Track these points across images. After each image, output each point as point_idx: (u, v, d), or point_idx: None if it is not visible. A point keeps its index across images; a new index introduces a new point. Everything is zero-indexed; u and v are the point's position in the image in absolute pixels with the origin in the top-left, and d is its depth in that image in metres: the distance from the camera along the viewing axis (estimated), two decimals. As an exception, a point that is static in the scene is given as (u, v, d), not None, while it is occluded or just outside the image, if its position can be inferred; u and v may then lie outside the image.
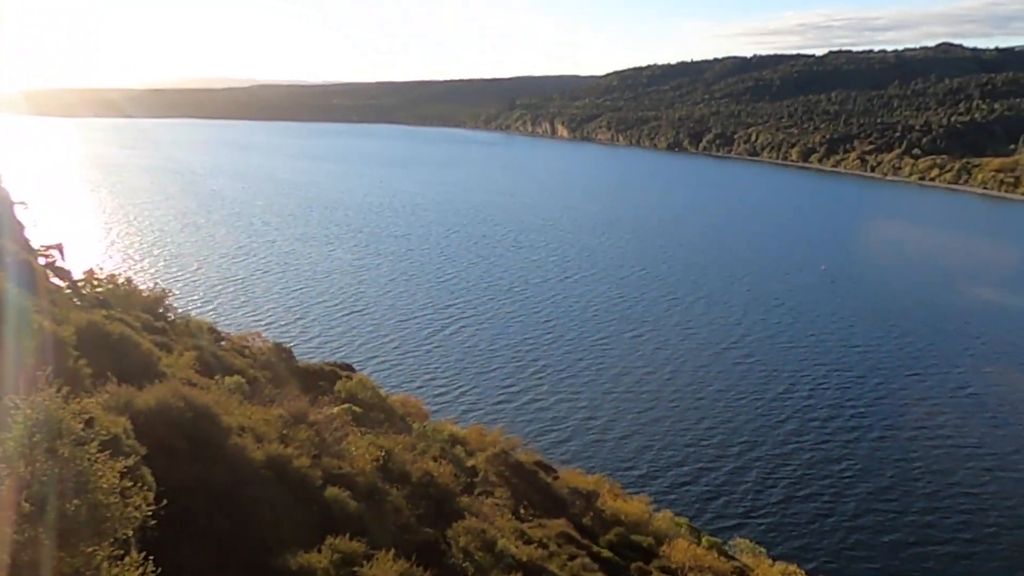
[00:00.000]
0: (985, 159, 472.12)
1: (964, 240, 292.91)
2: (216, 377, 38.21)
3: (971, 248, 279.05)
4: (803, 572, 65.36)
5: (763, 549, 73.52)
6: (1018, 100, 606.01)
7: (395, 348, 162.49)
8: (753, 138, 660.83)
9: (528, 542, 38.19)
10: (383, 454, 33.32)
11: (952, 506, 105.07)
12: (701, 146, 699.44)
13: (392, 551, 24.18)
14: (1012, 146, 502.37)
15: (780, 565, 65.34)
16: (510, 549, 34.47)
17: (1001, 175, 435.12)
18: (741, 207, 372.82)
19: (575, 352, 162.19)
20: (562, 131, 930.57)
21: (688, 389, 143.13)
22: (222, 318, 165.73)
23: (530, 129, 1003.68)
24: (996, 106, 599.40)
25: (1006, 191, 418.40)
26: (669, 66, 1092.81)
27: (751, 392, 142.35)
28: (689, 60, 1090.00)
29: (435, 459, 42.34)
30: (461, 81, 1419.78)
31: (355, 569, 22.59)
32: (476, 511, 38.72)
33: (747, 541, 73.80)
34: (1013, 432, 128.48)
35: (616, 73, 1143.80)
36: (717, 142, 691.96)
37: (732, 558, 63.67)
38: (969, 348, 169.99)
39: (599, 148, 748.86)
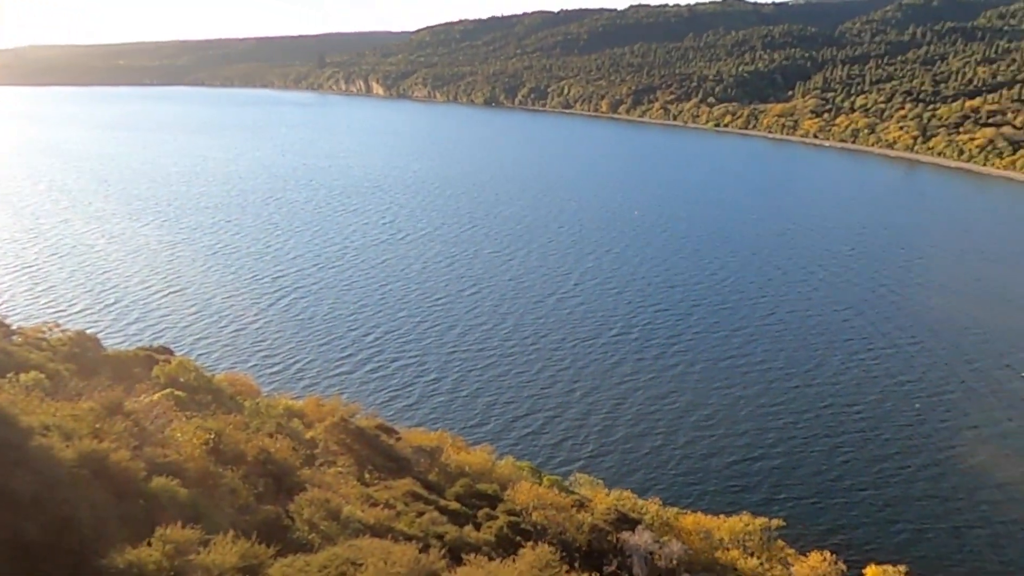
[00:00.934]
0: (769, 105, 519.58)
1: (756, 179, 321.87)
2: (9, 375, 34.63)
3: (763, 186, 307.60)
4: (635, 496, 70.58)
5: (600, 481, 78.47)
6: (793, 50, 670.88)
7: (223, 326, 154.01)
8: (566, 91, 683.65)
9: (375, 505, 38.36)
10: (212, 436, 31.92)
11: (768, 424, 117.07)
12: (517, 100, 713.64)
13: (231, 534, 23.44)
14: (790, 92, 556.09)
15: (616, 492, 70.11)
16: (356, 514, 34.48)
17: (782, 119, 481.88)
18: (562, 160, 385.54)
19: (414, 314, 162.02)
20: (377, 89, 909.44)
21: (527, 341, 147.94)
22: (14, 311, 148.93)
23: (344, 88, 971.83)
24: (775, 56, 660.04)
25: (787, 134, 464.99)
26: (480, 21, 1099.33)
27: (586, 339, 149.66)
28: (499, 15, 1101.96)
29: (271, 435, 41.13)
30: (265, 39, 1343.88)
31: (190, 558, 21.71)
32: (318, 482, 38.24)
33: (585, 475, 78.41)
34: (815, 351, 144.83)
35: (428, 28, 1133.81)
36: (532, 96, 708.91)
37: (572, 492, 67.53)
38: (772, 278, 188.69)
39: (417, 105, 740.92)
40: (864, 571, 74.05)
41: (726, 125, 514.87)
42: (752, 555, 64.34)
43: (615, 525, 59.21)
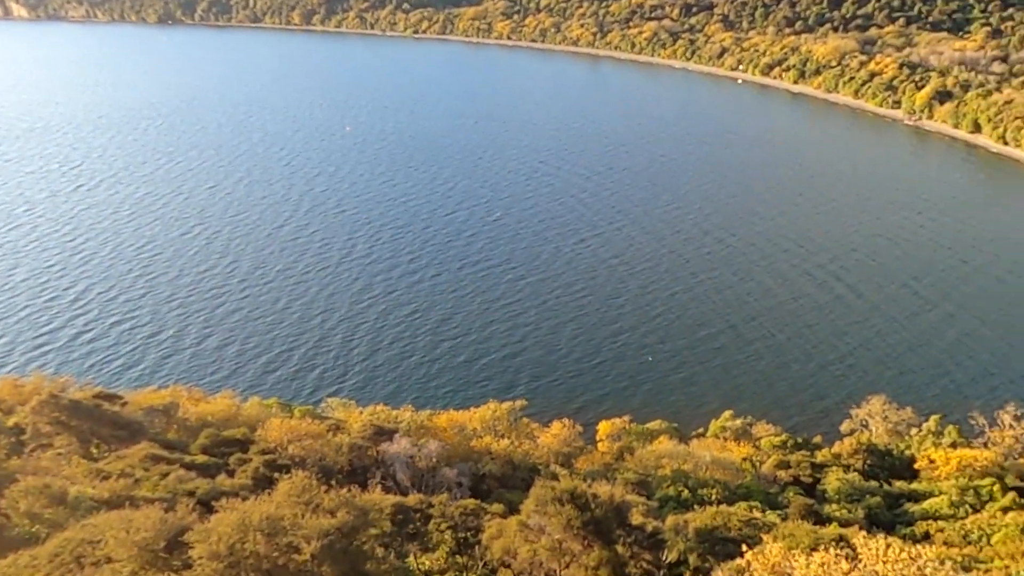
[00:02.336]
0: (462, 9, 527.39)
1: (461, 84, 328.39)
2: None
3: (470, 90, 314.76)
4: (388, 408, 72.57)
5: (352, 401, 79.30)
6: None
7: None
8: (252, 3, 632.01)
9: (107, 478, 35.38)
10: None
11: (508, 319, 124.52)
12: (197, 15, 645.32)
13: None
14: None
15: (369, 408, 71.44)
16: (87, 493, 31.65)
17: (477, 23, 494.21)
18: (261, 79, 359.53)
19: (121, 266, 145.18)
20: (19, 10, 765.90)
21: (254, 276, 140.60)
22: None
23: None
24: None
25: (483, 37, 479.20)
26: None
27: (316, 262, 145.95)
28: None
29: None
30: None
31: None
32: (33, 469, 34.24)
33: (337, 399, 78.67)
34: (541, 245, 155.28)
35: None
36: (215, 10, 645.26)
37: (326, 418, 67.57)
38: (493, 180, 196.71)
39: (74, 28, 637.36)
40: (597, 427, 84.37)
41: (424, 31, 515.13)
42: (503, 437, 69.97)
43: (373, 439, 60.70)
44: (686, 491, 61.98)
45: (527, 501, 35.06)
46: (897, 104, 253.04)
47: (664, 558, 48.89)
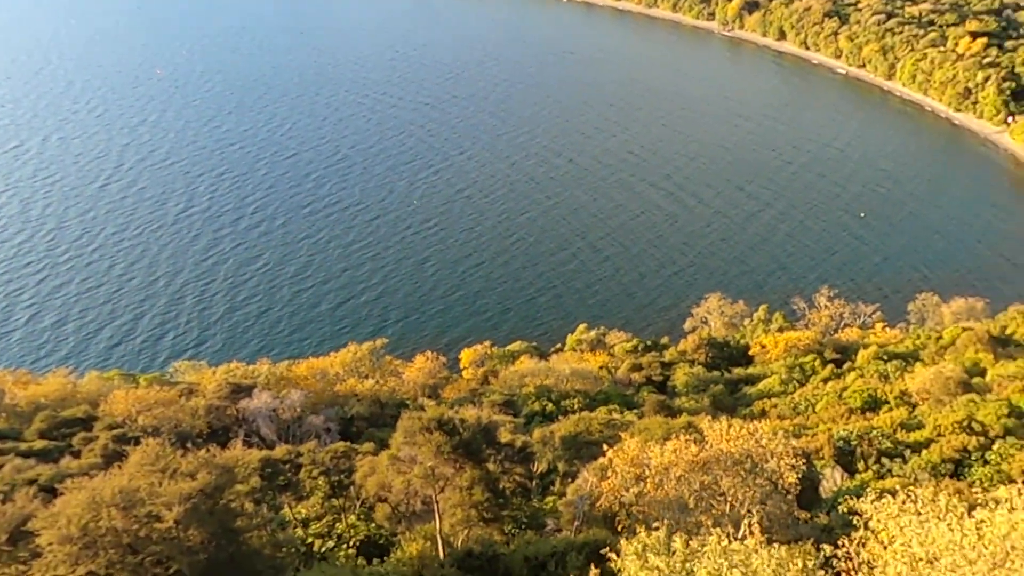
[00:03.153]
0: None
1: (275, 18, 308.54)
2: None
3: (286, 25, 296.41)
4: (243, 364, 70.14)
5: (203, 363, 75.88)
6: None
7: None
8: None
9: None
10: None
11: (361, 259, 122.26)
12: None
13: None
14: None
15: (223, 367, 68.74)
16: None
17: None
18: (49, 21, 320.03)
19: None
20: None
21: (80, 243, 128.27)
22: None
23: None
24: None
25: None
26: None
27: (150, 222, 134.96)
28: None
29: None
30: None
31: None
32: None
33: (185, 362, 75.01)
34: (385, 179, 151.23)
35: None
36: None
37: (176, 383, 64.36)
38: (326, 116, 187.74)
39: None
40: (460, 356, 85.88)
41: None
42: (367, 377, 69.73)
43: (231, 398, 58.60)
44: (550, 404, 64.90)
45: (396, 434, 35.42)
46: (712, 16, 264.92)
47: (535, 469, 51.46)
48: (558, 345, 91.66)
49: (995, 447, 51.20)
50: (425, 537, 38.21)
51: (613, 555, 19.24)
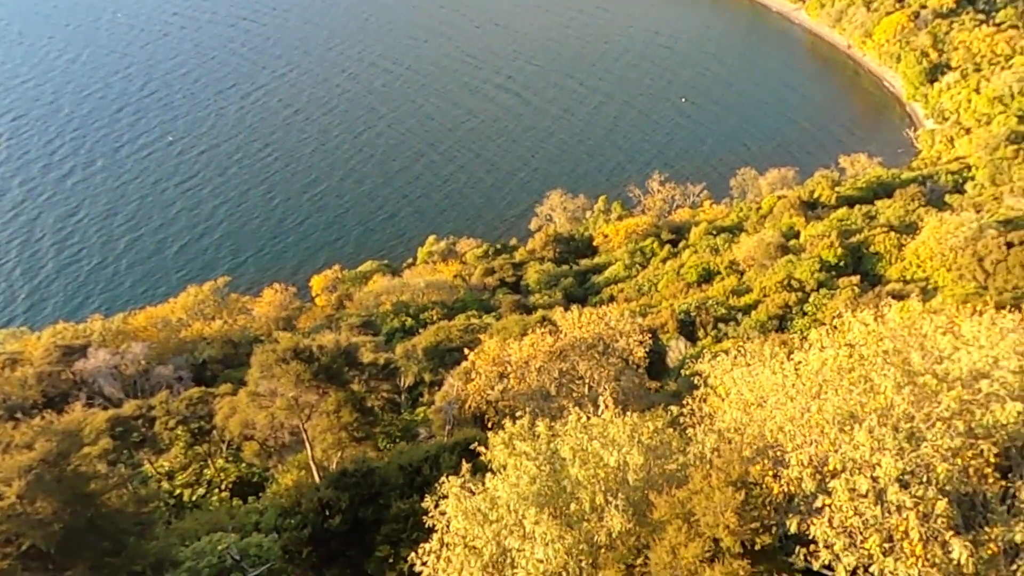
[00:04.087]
0: None
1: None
2: None
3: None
4: (71, 324, 64.84)
5: (24, 328, 69.44)
6: None
7: None
8: None
9: None
10: None
11: (195, 197, 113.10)
12: None
13: None
14: None
15: (47, 330, 63.36)
16: None
17: None
18: None
19: None
20: None
21: None
22: None
23: None
24: None
25: None
26: None
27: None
28: None
29: None
30: None
31: None
32: None
33: (1, 331, 68.21)
34: (207, 107, 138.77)
35: None
36: None
37: (-3, 354, 58.55)
38: (130, 41, 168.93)
39: None
40: (310, 282, 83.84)
41: None
42: (213, 319, 66.60)
43: (65, 361, 54.26)
44: (409, 319, 65.12)
45: (251, 370, 34.40)
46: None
47: (402, 383, 51.98)
48: (410, 260, 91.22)
49: (811, 299, 57.18)
50: (299, 467, 38.04)
51: (483, 449, 20.03)
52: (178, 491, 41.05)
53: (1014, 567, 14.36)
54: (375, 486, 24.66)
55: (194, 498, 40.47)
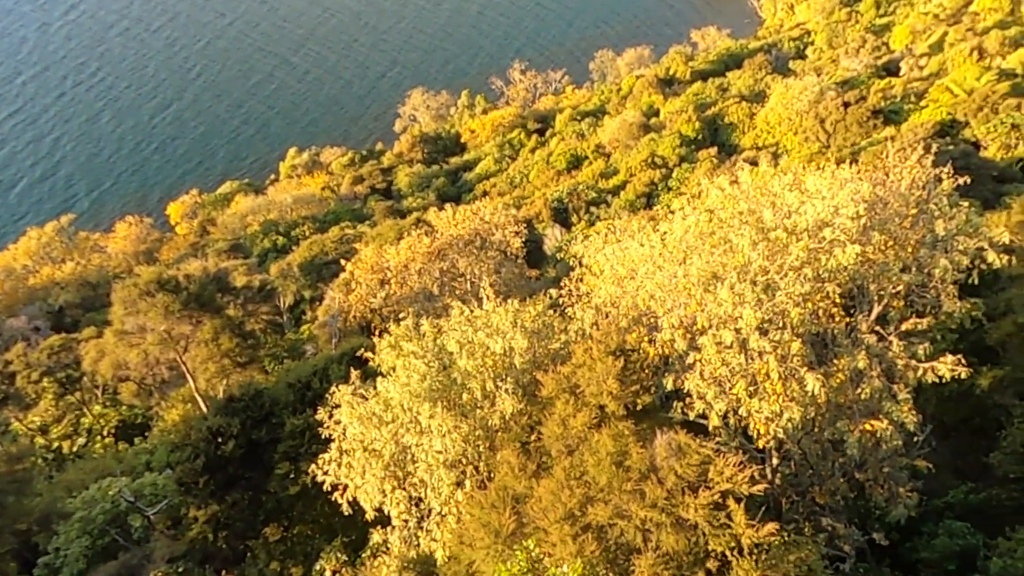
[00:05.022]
0: None
1: None
2: None
3: None
4: None
5: None
6: None
7: None
8: None
9: None
10: None
11: (13, 132, 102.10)
12: None
13: None
14: None
15: None
16: None
17: None
18: None
19: None
20: None
21: None
22: None
23: None
24: None
25: None
26: None
27: None
28: None
29: None
30: None
31: None
32: None
33: None
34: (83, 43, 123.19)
35: None
36: None
37: None
38: None
39: None
40: (167, 212, 78.79)
41: None
42: (63, 261, 61.80)
43: None
44: (280, 238, 62.86)
45: (114, 308, 32.41)
46: None
47: (282, 303, 50.60)
48: (272, 177, 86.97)
49: (674, 174, 59.35)
50: (183, 401, 36.85)
51: (371, 355, 20.00)
52: (56, 444, 39.08)
53: (859, 391, 16.09)
54: (265, 407, 24.30)
55: (75, 449, 38.70)
